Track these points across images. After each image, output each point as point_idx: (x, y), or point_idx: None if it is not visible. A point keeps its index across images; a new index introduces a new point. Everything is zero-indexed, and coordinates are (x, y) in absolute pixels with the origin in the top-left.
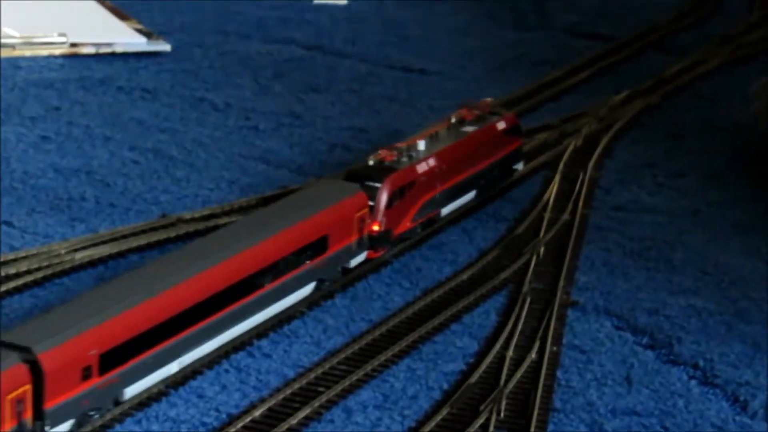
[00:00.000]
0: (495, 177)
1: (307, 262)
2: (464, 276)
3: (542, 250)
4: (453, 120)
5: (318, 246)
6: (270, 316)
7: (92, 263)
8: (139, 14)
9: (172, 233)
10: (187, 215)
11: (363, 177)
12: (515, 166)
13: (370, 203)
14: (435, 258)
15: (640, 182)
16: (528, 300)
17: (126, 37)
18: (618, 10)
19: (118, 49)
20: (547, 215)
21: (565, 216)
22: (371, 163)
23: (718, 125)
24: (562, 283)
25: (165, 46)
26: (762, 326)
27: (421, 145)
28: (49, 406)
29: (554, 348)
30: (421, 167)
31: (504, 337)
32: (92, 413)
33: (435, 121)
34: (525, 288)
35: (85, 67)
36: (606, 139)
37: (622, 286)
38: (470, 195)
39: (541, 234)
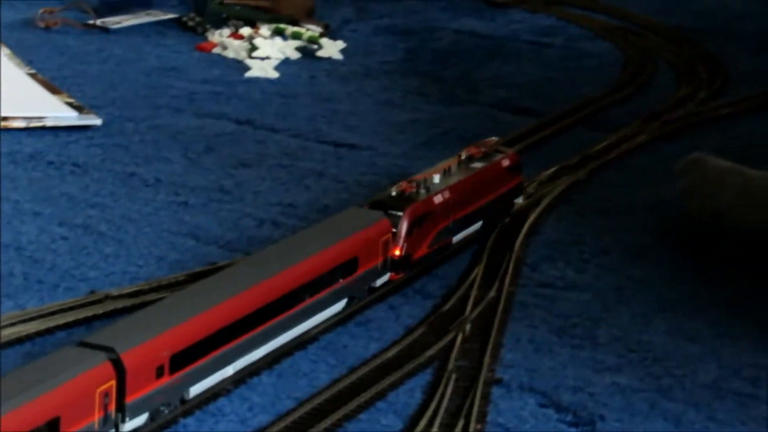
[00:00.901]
0: (499, 209)
1: (340, 280)
2: (390, 353)
3: (468, 327)
4: (463, 156)
5: (349, 266)
6: (309, 328)
7: (20, 340)
8: (71, 88)
9: (99, 310)
10: (115, 292)
11: (386, 206)
12: (516, 200)
13: (393, 230)
14: (361, 335)
15: (567, 259)
16: (453, 378)
17: (57, 111)
18: (547, 85)
19: (49, 123)
20: (473, 292)
21: (492, 293)
22: (393, 193)
23: (644, 202)
24: (487, 360)
25: (96, 120)
26: (684, 404)
27: (436, 178)
28: (130, 400)
29: (478, 426)
30: (437, 198)
31: (428, 415)
32: (162, 408)
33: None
34: (450, 365)
35: (16, 141)
36: (534, 215)
37: (547, 364)
38: (477, 225)
39: (468, 311)
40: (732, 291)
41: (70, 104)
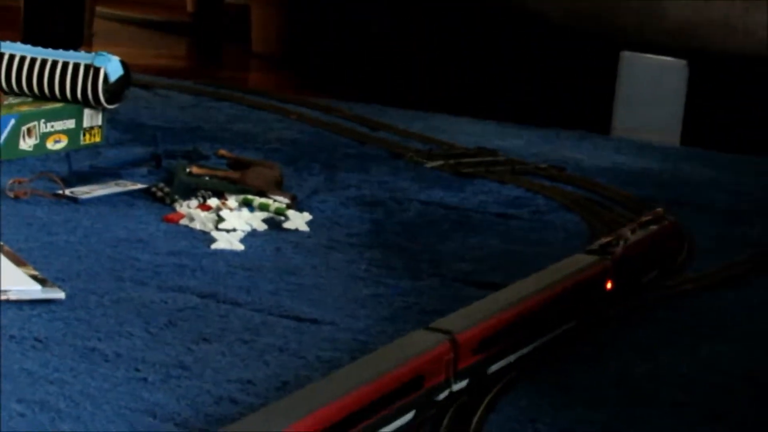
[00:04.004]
0: (667, 260)
1: None
2: None
3: None
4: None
5: None
6: None
7: None
8: (37, 260)
9: None
10: None
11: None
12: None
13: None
14: None
15: None
16: None
17: (21, 285)
18: (512, 258)
19: (12, 297)
20: None
21: None
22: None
23: (608, 378)
24: None
25: (59, 294)
26: None
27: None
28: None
29: None
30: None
31: None
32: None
33: None
34: None
35: None
36: (492, 393)
37: None
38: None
39: None
40: None
41: (34, 277)
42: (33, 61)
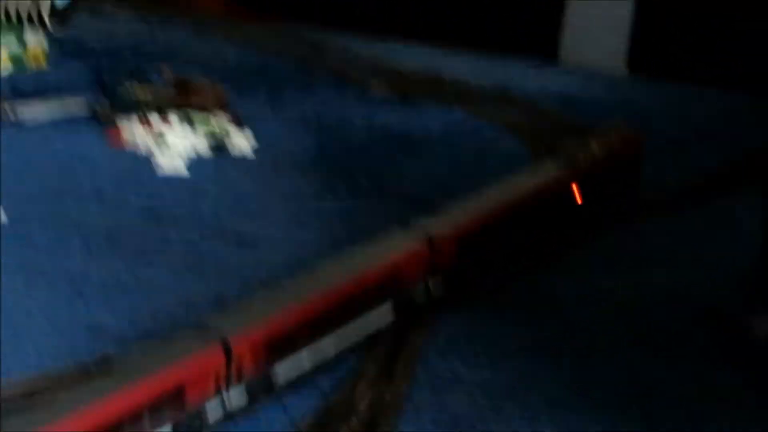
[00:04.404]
0: None
1: None
2: None
3: (356, 424)
4: None
5: None
6: None
7: None
8: None
9: None
10: (4, 383)
11: None
12: None
13: None
14: (248, 429)
15: (460, 354)
16: None
17: None
18: (454, 181)
19: None
20: (363, 388)
21: (382, 389)
22: None
23: (544, 296)
24: None
25: (2, 217)
26: None
27: None
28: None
29: None
30: None
31: None
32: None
33: None
34: None
35: None
36: (431, 309)
37: None
38: None
39: (356, 407)
40: (619, 388)
41: None
42: None
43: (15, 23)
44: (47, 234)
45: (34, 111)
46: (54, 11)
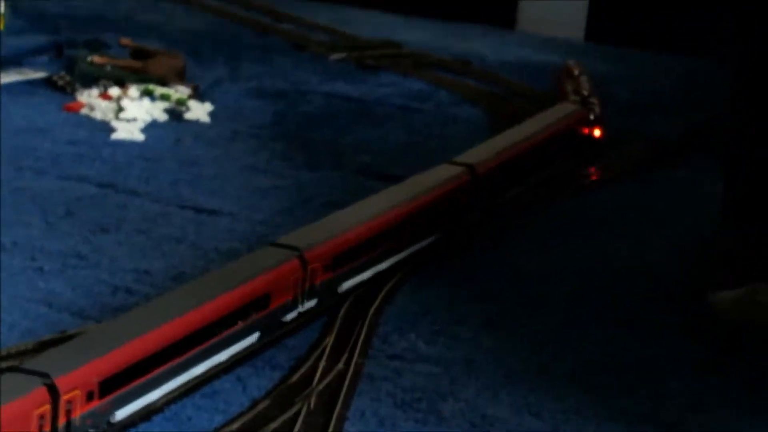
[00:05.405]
0: None
1: None
2: (233, 426)
3: (313, 400)
4: None
5: None
6: None
7: None
8: None
9: None
10: None
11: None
12: None
13: None
14: (207, 407)
15: (418, 330)
16: None
17: None
18: (412, 151)
19: None
20: (322, 363)
21: (340, 365)
22: None
23: (499, 271)
24: None
25: None
26: None
27: None
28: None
29: None
30: None
31: None
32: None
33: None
34: None
35: None
36: (388, 285)
37: None
38: None
39: (314, 383)
40: (578, 363)
41: None
42: None
43: None
44: (5, 205)
45: None
46: None
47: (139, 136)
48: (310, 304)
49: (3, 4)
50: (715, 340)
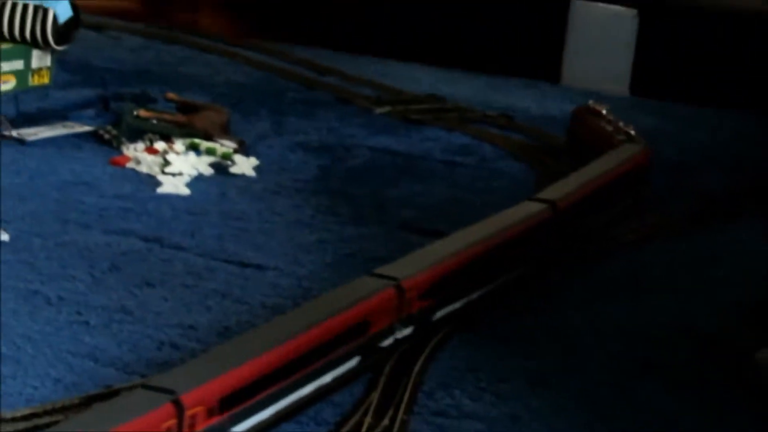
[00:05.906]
0: None
1: None
2: None
3: None
4: None
5: None
6: None
7: None
8: None
9: None
10: (8, 414)
11: None
12: None
13: None
14: None
15: (463, 387)
16: None
17: None
18: (456, 206)
19: None
20: (367, 420)
21: (385, 422)
22: None
23: (547, 326)
24: None
25: (3, 236)
26: None
27: None
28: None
29: None
30: None
31: None
32: None
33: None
34: None
35: None
36: (433, 342)
37: None
38: None
39: None
40: (624, 423)
41: None
42: None
43: (19, 40)
44: (51, 259)
45: (38, 131)
46: (57, 27)
47: (185, 191)
48: (407, 331)
49: (50, 57)
50: (761, 397)
